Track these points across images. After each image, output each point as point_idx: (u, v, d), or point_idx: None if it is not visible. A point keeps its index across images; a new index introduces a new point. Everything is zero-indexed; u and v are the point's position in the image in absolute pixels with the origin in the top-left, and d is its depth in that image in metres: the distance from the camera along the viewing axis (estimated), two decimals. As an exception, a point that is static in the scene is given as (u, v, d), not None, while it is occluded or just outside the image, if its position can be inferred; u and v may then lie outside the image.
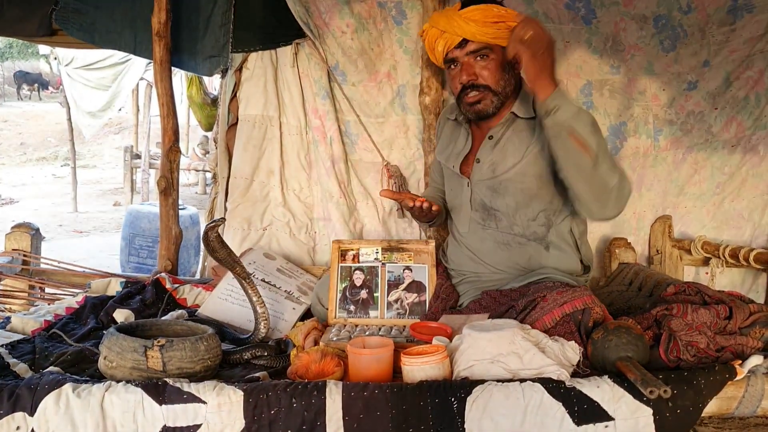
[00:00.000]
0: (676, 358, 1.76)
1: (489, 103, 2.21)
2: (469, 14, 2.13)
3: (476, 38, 2.13)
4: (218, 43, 3.01)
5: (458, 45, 2.17)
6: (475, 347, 1.72)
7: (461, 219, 2.37)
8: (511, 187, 2.23)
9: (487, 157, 2.27)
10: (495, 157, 2.25)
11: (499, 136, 2.26)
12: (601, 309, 1.88)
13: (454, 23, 2.14)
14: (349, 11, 2.97)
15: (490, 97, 2.20)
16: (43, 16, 3.00)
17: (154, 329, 2.00)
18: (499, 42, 2.13)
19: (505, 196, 2.25)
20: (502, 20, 2.12)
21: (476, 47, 2.16)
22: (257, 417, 1.57)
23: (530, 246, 2.25)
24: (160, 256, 3.08)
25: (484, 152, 2.28)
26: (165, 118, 3.03)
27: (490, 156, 2.26)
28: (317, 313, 2.47)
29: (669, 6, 2.87)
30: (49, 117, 18.09)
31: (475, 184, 2.30)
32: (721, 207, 3.03)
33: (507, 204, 2.25)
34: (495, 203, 2.27)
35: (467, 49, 2.17)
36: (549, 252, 2.23)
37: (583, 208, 2.09)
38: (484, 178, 2.27)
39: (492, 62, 2.17)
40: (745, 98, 2.91)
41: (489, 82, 2.18)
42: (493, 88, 2.19)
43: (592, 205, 2.04)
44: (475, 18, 2.12)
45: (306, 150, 3.15)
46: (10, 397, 1.58)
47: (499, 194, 2.26)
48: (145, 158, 9.22)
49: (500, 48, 2.15)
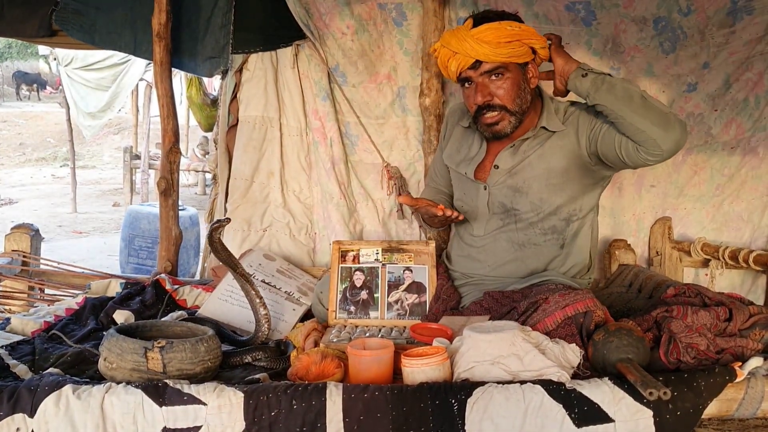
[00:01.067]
0: (676, 359, 1.77)
1: (507, 123, 2.17)
2: (482, 35, 2.06)
3: (490, 59, 2.08)
4: (218, 44, 3.01)
5: (471, 66, 2.12)
6: (476, 349, 1.72)
7: (477, 222, 2.32)
8: (535, 184, 2.21)
9: (508, 164, 2.24)
10: (516, 161, 2.23)
11: (520, 144, 2.24)
12: (602, 312, 1.88)
13: (466, 45, 2.08)
14: (350, 12, 2.97)
15: (508, 118, 2.16)
16: (43, 17, 3.00)
17: (154, 330, 2.00)
18: (514, 60, 2.10)
19: (528, 194, 2.23)
20: (517, 38, 2.08)
21: (491, 68, 2.11)
22: (257, 419, 1.57)
23: (545, 246, 2.24)
24: (160, 257, 3.08)
25: (503, 158, 2.25)
26: (165, 119, 3.03)
27: (511, 162, 2.24)
28: (318, 314, 2.47)
29: (669, 8, 2.87)
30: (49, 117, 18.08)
31: (493, 187, 2.27)
32: (721, 208, 3.03)
33: (531, 201, 2.23)
34: (517, 203, 2.24)
35: (481, 69, 2.12)
36: (563, 250, 2.23)
37: (649, 142, 1.97)
38: (504, 180, 2.25)
39: (507, 81, 2.13)
40: (744, 100, 2.92)
41: (505, 101, 2.14)
42: (510, 108, 2.15)
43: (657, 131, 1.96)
44: (488, 39, 2.06)
45: (306, 151, 3.15)
46: (10, 399, 1.58)
47: (522, 193, 2.23)
48: (144, 159, 9.22)
49: (516, 65, 2.12)
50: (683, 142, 2.00)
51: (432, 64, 2.94)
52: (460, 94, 2.96)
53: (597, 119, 2.12)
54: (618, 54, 2.93)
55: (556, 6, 2.89)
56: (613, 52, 2.93)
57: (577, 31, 2.92)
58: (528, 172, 2.21)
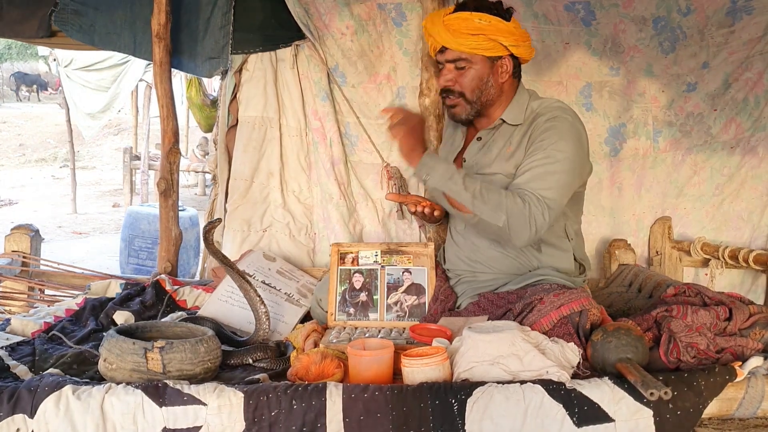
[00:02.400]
0: (676, 359, 1.77)
1: (462, 110, 2.24)
2: (451, 22, 2.14)
3: (452, 47, 2.15)
4: (218, 44, 3.01)
5: (440, 50, 2.21)
6: (476, 349, 1.72)
7: (453, 218, 2.38)
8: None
9: (473, 158, 2.29)
10: (479, 158, 2.27)
11: (486, 139, 2.28)
12: (598, 310, 1.88)
13: (436, 29, 2.17)
14: (349, 13, 2.97)
15: (464, 105, 2.23)
16: (43, 18, 3.00)
17: (154, 331, 2.00)
18: (480, 52, 2.15)
19: None
20: (481, 32, 2.12)
21: (453, 57, 2.18)
22: (257, 419, 1.57)
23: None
24: (160, 258, 3.08)
25: (471, 152, 2.31)
26: (165, 119, 3.03)
27: (476, 156, 2.28)
28: (317, 316, 2.47)
29: (668, 8, 2.87)
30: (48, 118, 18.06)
31: None
32: (721, 208, 3.03)
33: None
34: None
35: (446, 56, 2.20)
36: (541, 252, 2.22)
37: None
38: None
39: (469, 72, 2.19)
40: (744, 100, 2.92)
41: (464, 90, 2.21)
42: (468, 97, 2.21)
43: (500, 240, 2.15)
44: (454, 28, 2.13)
45: (306, 151, 3.15)
46: (10, 399, 1.58)
47: None
48: (144, 159, 9.21)
49: (483, 58, 2.16)
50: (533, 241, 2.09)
51: (431, 64, 2.94)
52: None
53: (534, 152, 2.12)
54: (617, 54, 2.94)
55: (556, 6, 2.90)
56: (612, 52, 2.94)
57: (577, 31, 2.92)
58: (485, 170, 2.21)
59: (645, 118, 2.98)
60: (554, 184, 2.05)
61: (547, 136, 2.10)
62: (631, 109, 2.98)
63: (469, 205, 2.04)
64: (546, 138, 2.10)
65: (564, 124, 2.13)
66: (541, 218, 2.01)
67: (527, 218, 2.00)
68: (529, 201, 2.01)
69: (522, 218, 2.00)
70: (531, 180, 2.05)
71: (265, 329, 2.19)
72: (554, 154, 2.06)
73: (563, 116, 2.15)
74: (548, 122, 2.13)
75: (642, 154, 2.99)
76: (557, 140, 2.09)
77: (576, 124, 2.16)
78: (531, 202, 2.01)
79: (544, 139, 2.10)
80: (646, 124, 2.98)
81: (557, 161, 2.06)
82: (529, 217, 2.00)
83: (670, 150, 2.99)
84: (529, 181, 2.05)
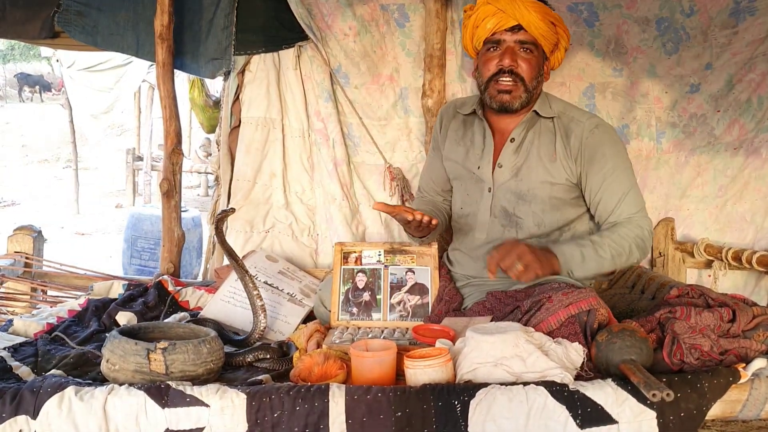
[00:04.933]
0: (680, 361, 1.76)
1: (518, 95, 2.20)
2: (531, 4, 2.15)
3: (531, 29, 2.16)
4: (221, 45, 3.01)
5: (511, 28, 2.17)
6: (479, 350, 1.72)
7: (479, 225, 2.31)
8: (539, 194, 2.22)
9: (510, 161, 2.25)
10: (519, 161, 2.23)
11: (521, 139, 2.25)
12: (606, 311, 1.88)
13: (516, 6, 2.15)
14: (352, 14, 2.97)
15: (521, 91, 2.20)
16: (46, 19, 3.00)
17: (157, 332, 2.00)
18: (544, 42, 2.20)
19: (531, 204, 2.23)
20: (556, 23, 2.21)
21: (526, 38, 2.18)
22: (260, 420, 1.57)
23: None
24: (163, 259, 3.08)
25: (506, 155, 2.25)
26: (167, 120, 3.03)
27: (514, 159, 2.24)
28: (320, 316, 2.47)
29: (671, 8, 2.86)
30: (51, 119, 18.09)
31: (497, 190, 2.27)
32: (724, 209, 3.02)
33: (533, 211, 2.23)
34: (520, 211, 2.25)
35: (518, 36, 2.18)
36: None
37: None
38: (509, 183, 2.25)
39: (534, 58, 2.21)
40: (747, 101, 2.91)
41: (525, 75, 2.19)
42: (527, 82, 2.20)
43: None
44: (537, 10, 2.15)
45: (308, 152, 3.15)
46: (12, 401, 1.58)
47: (525, 201, 2.23)
48: (147, 160, 9.23)
49: (542, 51, 2.22)
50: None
51: (434, 65, 2.94)
52: (462, 94, 2.98)
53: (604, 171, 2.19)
54: (621, 55, 2.93)
55: (559, 7, 2.88)
56: (615, 53, 2.93)
57: (580, 32, 2.92)
58: (531, 176, 2.21)
59: (648, 119, 2.97)
60: (638, 196, 2.20)
61: (605, 151, 2.18)
62: (634, 110, 2.97)
63: (612, 266, 2.14)
64: (606, 154, 2.18)
65: (608, 131, 2.24)
66: (650, 231, 2.18)
67: (646, 238, 2.15)
68: (640, 225, 2.15)
69: (645, 242, 2.15)
70: (626, 207, 2.16)
71: (262, 322, 2.20)
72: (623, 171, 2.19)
73: (602, 123, 2.25)
74: (594, 136, 2.19)
75: (645, 156, 2.99)
76: (615, 154, 2.19)
77: (611, 127, 2.29)
78: (642, 225, 2.15)
79: (604, 155, 2.18)
80: (650, 126, 2.97)
81: (628, 175, 2.20)
82: (647, 235, 2.15)
83: (673, 151, 2.98)
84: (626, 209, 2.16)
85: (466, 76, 2.99)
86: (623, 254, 2.10)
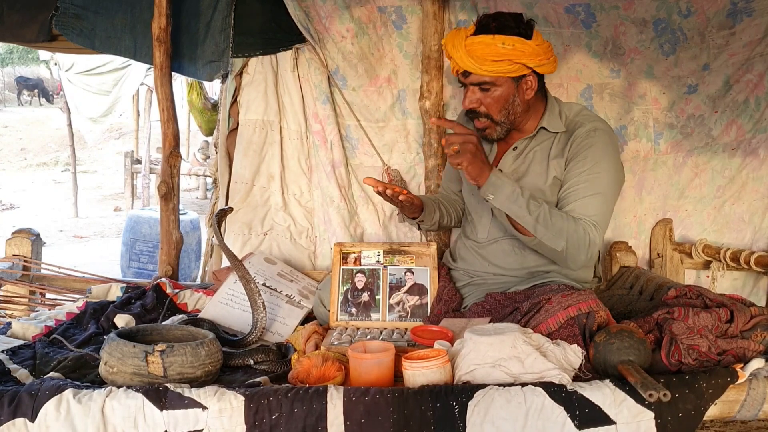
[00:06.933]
0: (678, 361, 1.76)
1: (493, 131, 2.22)
2: (473, 47, 2.09)
3: (476, 72, 2.12)
4: (218, 48, 3.01)
5: (463, 72, 2.17)
6: (477, 351, 1.72)
7: (481, 226, 2.35)
8: (537, 197, 2.22)
9: (510, 167, 2.26)
10: (518, 167, 2.25)
11: (523, 147, 2.26)
12: (605, 313, 1.89)
13: (458, 53, 2.12)
14: (349, 16, 2.97)
15: (494, 127, 2.21)
16: (44, 22, 3.00)
17: (155, 334, 2.00)
18: (504, 75, 2.12)
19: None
20: (506, 58, 2.08)
21: (477, 80, 2.14)
22: (258, 422, 1.57)
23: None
24: (161, 261, 3.08)
25: (507, 162, 2.27)
26: (165, 123, 3.03)
27: (513, 165, 2.26)
28: (320, 315, 2.47)
29: (668, 10, 2.87)
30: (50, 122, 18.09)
31: None
32: (722, 210, 3.02)
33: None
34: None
35: (470, 79, 2.16)
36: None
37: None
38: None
39: (495, 93, 2.15)
40: (745, 101, 2.91)
41: (491, 112, 2.18)
42: (495, 119, 2.19)
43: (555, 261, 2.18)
44: (477, 54, 2.08)
45: (306, 154, 3.15)
46: (10, 403, 1.58)
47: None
48: (145, 163, 9.23)
49: (507, 79, 2.14)
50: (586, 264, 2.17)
51: (432, 67, 2.95)
52: (460, 96, 2.98)
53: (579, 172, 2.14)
54: (618, 56, 2.94)
55: (556, 8, 2.90)
56: (613, 54, 2.94)
57: (577, 33, 2.92)
58: (529, 183, 2.21)
59: (646, 121, 2.98)
60: (603, 207, 2.12)
61: (590, 153, 2.13)
62: (632, 111, 2.98)
63: (531, 229, 2.06)
64: (589, 156, 2.13)
65: (604, 137, 2.17)
66: (595, 244, 2.08)
67: (585, 244, 2.07)
68: (585, 227, 2.07)
69: (579, 244, 2.07)
70: (583, 206, 2.10)
71: (263, 319, 2.21)
72: (600, 176, 2.12)
73: (603, 129, 2.19)
74: (588, 138, 2.16)
75: (643, 157, 2.99)
76: (600, 159, 2.13)
77: (613, 137, 2.22)
78: (588, 229, 2.07)
79: (587, 157, 2.13)
80: (647, 127, 2.98)
81: (603, 183, 2.12)
82: (588, 244, 2.07)
83: (671, 152, 2.99)
84: (581, 207, 2.10)
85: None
86: (549, 229, 2.04)
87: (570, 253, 2.07)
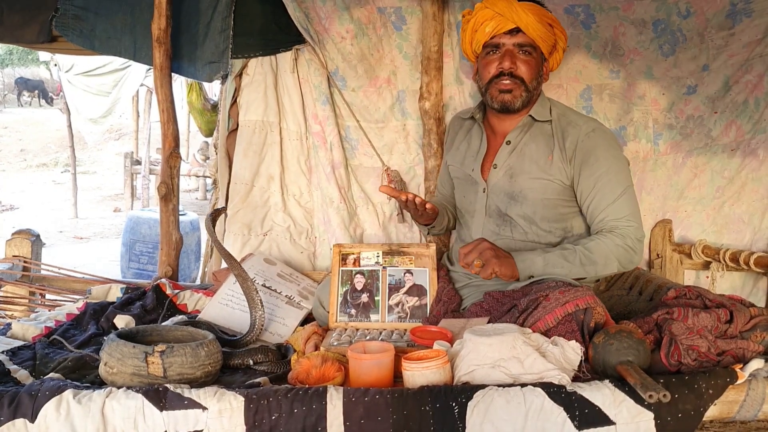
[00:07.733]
0: (677, 362, 1.76)
1: (518, 95, 2.26)
2: (529, 8, 2.22)
3: (529, 31, 2.21)
4: (218, 49, 3.01)
5: (509, 31, 2.23)
6: (476, 352, 1.72)
7: (475, 225, 2.37)
8: (530, 195, 2.26)
9: (504, 162, 2.29)
10: (513, 162, 2.28)
11: (516, 141, 2.29)
12: (602, 309, 1.89)
13: (514, 9, 2.21)
14: (349, 17, 2.98)
15: (521, 91, 2.26)
16: (43, 23, 3.00)
17: (155, 335, 2.00)
18: (542, 44, 2.25)
19: (523, 205, 2.27)
20: (553, 24, 2.27)
21: (525, 41, 2.24)
22: (258, 423, 1.57)
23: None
24: (161, 262, 3.08)
25: (501, 157, 2.31)
26: (165, 123, 3.03)
27: (508, 161, 2.29)
28: (319, 317, 2.47)
29: (668, 10, 2.87)
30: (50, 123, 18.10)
31: (491, 190, 2.33)
32: (721, 211, 3.02)
33: (525, 212, 2.27)
34: (512, 211, 2.29)
35: (516, 39, 2.24)
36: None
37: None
38: (502, 184, 2.30)
39: (533, 60, 2.27)
40: (744, 102, 2.91)
41: (525, 76, 2.25)
42: (527, 83, 2.26)
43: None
44: (534, 12, 2.22)
45: (306, 155, 3.15)
46: (10, 404, 1.58)
47: (517, 202, 2.28)
48: (145, 164, 9.24)
49: (540, 52, 2.27)
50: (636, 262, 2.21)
51: (431, 68, 2.94)
52: (459, 97, 2.98)
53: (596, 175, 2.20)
54: (617, 57, 2.94)
55: (555, 9, 2.88)
56: (612, 55, 2.94)
57: (577, 34, 2.92)
58: (524, 178, 2.25)
59: (645, 121, 2.98)
60: (631, 201, 2.20)
61: (599, 154, 2.20)
62: (632, 112, 2.98)
63: (583, 274, 2.13)
64: (600, 157, 2.20)
65: (604, 135, 2.25)
66: (639, 240, 2.16)
67: (632, 248, 2.15)
68: (623, 234, 2.14)
69: (628, 252, 2.14)
70: (615, 210, 2.17)
71: (261, 317, 2.21)
72: (617, 174, 2.19)
73: (599, 127, 2.27)
74: (590, 140, 2.22)
75: (642, 157, 2.99)
76: (609, 157, 2.20)
77: (609, 132, 2.32)
78: (626, 234, 2.14)
79: (598, 159, 2.20)
80: (647, 127, 2.98)
81: (622, 179, 2.20)
82: (634, 245, 2.15)
83: (670, 153, 2.99)
84: (614, 211, 2.17)
85: (463, 78, 3.00)
86: (597, 263, 2.12)
87: (624, 264, 2.16)
